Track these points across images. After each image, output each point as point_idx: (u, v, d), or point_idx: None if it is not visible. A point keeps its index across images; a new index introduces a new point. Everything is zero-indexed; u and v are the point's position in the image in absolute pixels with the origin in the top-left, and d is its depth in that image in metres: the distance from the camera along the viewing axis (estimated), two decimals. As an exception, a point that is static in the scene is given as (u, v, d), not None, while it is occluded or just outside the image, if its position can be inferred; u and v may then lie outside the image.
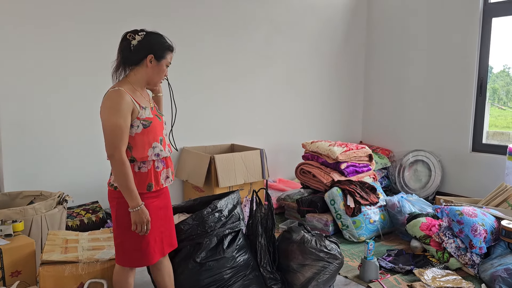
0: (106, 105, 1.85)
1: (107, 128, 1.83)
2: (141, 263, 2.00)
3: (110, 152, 1.83)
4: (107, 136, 1.83)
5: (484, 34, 4.26)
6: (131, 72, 1.96)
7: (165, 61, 1.97)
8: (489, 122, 4.47)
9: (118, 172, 1.82)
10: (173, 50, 2.01)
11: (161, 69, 1.98)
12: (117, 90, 1.86)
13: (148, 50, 1.92)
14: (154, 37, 1.95)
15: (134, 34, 1.92)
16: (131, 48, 1.91)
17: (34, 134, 3.23)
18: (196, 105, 4.05)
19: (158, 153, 1.96)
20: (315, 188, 3.93)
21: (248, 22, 4.31)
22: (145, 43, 1.92)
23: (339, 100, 5.23)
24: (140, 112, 1.90)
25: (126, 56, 1.93)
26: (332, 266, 2.57)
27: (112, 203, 1.96)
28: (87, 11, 3.37)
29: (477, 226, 2.85)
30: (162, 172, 2.00)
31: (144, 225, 1.88)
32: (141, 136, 1.91)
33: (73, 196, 3.09)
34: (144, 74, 1.96)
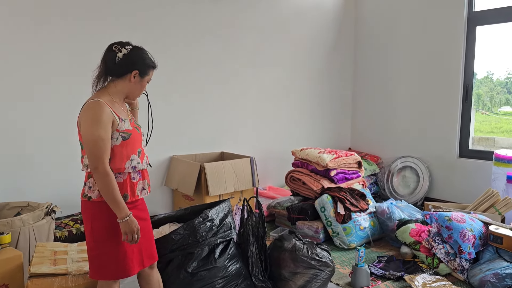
0: (87, 116, 1.83)
1: (89, 140, 1.80)
2: (118, 276, 1.93)
3: (93, 165, 1.80)
4: (89, 148, 1.80)
5: (468, 42, 4.35)
6: (111, 83, 1.95)
7: (147, 77, 1.99)
8: (474, 128, 4.54)
9: (103, 184, 1.80)
10: (155, 68, 2.02)
11: (142, 85, 2.00)
12: (96, 101, 1.84)
13: (134, 66, 1.92)
14: (140, 53, 1.95)
15: (121, 47, 1.91)
16: (116, 60, 1.90)
17: (20, 143, 3.19)
18: (185, 113, 4.04)
19: (135, 166, 1.93)
20: (305, 196, 3.94)
21: (237, 29, 4.33)
22: (131, 58, 1.91)
23: (328, 107, 5.27)
24: (119, 124, 1.88)
25: (110, 67, 1.92)
26: (323, 274, 2.57)
27: (85, 214, 1.92)
28: (62, 18, 3.35)
29: (465, 232, 2.88)
30: (138, 183, 1.97)
31: (135, 234, 1.86)
32: (120, 148, 1.88)
33: (61, 207, 3.05)
34: (126, 88, 1.96)
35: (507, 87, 4.78)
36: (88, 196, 1.88)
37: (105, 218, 1.86)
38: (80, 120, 1.87)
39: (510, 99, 4.79)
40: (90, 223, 1.89)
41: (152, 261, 2.09)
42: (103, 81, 1.95)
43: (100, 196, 1.85)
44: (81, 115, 1.86)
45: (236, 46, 4.34)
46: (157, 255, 2.13)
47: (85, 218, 1.92)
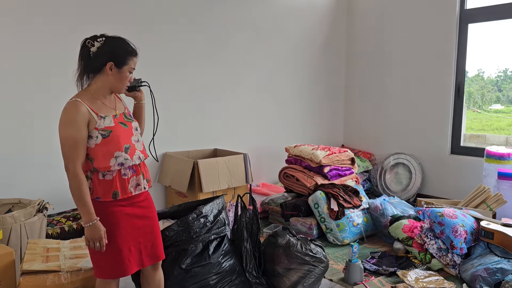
0: (61, 117, 1.80)
1: (61, 140, 1.78)
2: (114, 275, 1.90)
3: (65, 165, 1.78)
4: (62, 149, 1.78)
5: (460, 39, 4.38)
6: (92, 80, 1.88)
7: (127, 67, 1.88)
8: (466, 125, 4.58)
9: (72, 185, 1.77)
10: (136, 55, 1.90)
11: (123, 76, 1.89)
12: (73, 101, 1.80)
13: (108, 57, 1.82)
14: (115, 42, 1.86)
15: (93, 41, 1.83)
16: (91, 55, 1.83)
17: (10, 139, 3.15)
18: (178, 110, 4.02)
19: (122, 163, 1.86)
20: (298, 192, 3.95)
21: (230, 27, 4.32)
22: (105, 49, 1.82)
23: (321, 104, 5.28)
24: (98, 122, 1.82)
25: (87, 64, 1.85)
26: (317, 270, 2.58)
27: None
28: (55, 17, 3.32)
29: (457, 227, 2.91)
30: (130, 179, 1.90)
31: (97, 241, 1.78)
32: (102, 147, 1.83)
33: (53, 204, 3.02)
34: (106, 82, 1.87)
35: (498, 85, 4.82)
36: None
37: (101, 216, 1.82)
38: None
39: (500, 97, 4.84)
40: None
41: (155, 261, 2.03)
42: (86, 80, 1.89)
43: (92, 194, 1.83)
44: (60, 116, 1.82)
45: (229, 44, 4.33)
46: (163, 255, 2.06)
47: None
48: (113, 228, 1.84)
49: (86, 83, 1.89)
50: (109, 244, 1.84)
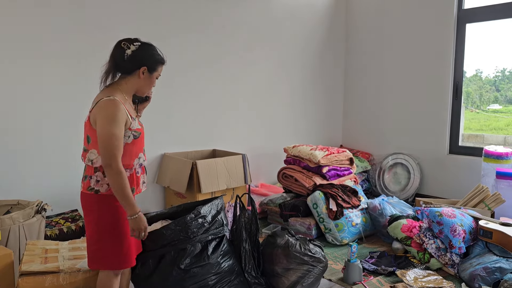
0: (103, 114, 1.85)
1: (104, 137, 1.83)
2: (121, 266, 1.99)
3: (107, 162, 1.83)
4: (104, 146, 1.83)
5: (458, 39, 4.39)
6: (122, 80, 1.98)
7: (156, 73, 2.02)
8: (464, 125, 4.59)
9: (116, 181, 1.83)
10: (164, 63, 2.05)
11: (151, 81, 2.03)
12: (112, 99, 1.86)
13: (142, 62, 1.95)
14: (149, 49, 1.99)
15: (129, 43, 1.93)
16: (125, 57, 1.92)
17: (9, 141, 3.15)
18: (177, 110, 4.02)
19: (141, 163, 2.04)
20: (297, 192, 3.95)
21: (229, 28, 4.32)
22: (139, 54, 1.94)
23: (319, 104, 5.29)
24: (132, 123, 1.93)
25: (119, 64, 1.94)
26: (316, 270, 2.58)
27: (90, 207, 1.94)
28: (63, 18, 3.32)
29: (456, 227, 2.91)
30: (140, 177, 2.06)
31: (142, 231, 1.92)
32: (131, 147, 1.94)
33: (52, 205, 3.02)
34: (135, 84, 1.99)
35: (496, 85, 4.84)
36: (95, 189, 1.91)
37: (112, 211, 1.92)
38: (95, 117, 1.88)
39: (498, 97, 4.85)
40: (96, 215, 1.93)
41: (138, 252, 2.15)
42: (112, 77, 1.99)
43: (108, 189, 1.90)
44: (96, 112, 1.87)
45: (228, 44, 4.33)
46: (141, 248, 2.18)
47: (90, 210, 1.95)
48: (125, 223, 1.94)
49: (110, 81, 1.98)
50: (120, 237, 1.94)
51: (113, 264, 1.97)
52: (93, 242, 1.96)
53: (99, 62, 2.08)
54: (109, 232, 1.92)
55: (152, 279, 2.26)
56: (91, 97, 2.07)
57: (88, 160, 1.93)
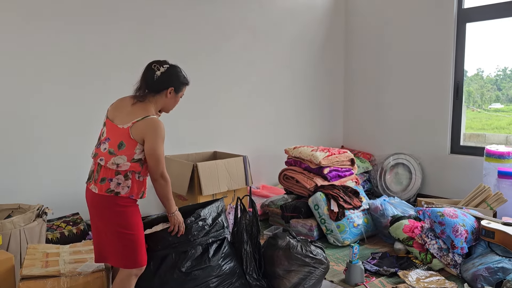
0: (156, 133, 2.06)
1: (158, 154, 2.07)
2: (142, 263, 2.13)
3: (160, 173, 2.10)
4: (157, 161, 2.07)
5: (459, 39, 4.38)
6: (151, 98, 2.15)
7: (181, 93, 2.26)
8: (465, 124, 4.58)
9: (166, 188, 2.14)
10: (188, 84, 2.28)
11: (176, 100, 2.26)
12: (158, 120, 2.10)
13: (170, 83, 2.16)
14: (175, 71, 2.20)
15: (159, 66, 2.14)
16: (155, 78, 2.12)
17: (10, 145, 3.15)
18: (177, 113, 4.01)
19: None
20: (298, 194, 3.94)
21: (227, 29, 4.32)
22: (168, 76, 2.15)
23: (320, 105, 5.28)
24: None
25: (150, 84, 2.13)
26: (318, 271, 2.57)
27: (110, 208, 2.06)
28: (73, 18, 3.32)
29: (458, 227, 2.90)
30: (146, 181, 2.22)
31: (181, 225, 2.25)
32: None
33: (53, 208, 3.02)
34: (163, 103, 2.20)
35: (497, 84, 4.82)
36: (116, 191, 2.05)
37: (131, 209, 2.09)
38: (143, 132, 2.05)
39: (500, 96, 4.83)
40: (118, 216, 2.06)
41: None
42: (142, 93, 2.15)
43: (128, 192, 2.07)
44: (146, 128, 2.05)
45: (227, 45, 4.33)
46: None
47: (109, 212, 2.06)
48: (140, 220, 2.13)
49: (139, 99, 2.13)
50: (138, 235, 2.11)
51: (136, 261, 2.09)
52: (115, 242, 2.07)
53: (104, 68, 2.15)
54: (132, 230, 2.07)
55: (153, 281, 2.26)
56: (94, 103, 2.13)
57: (113, 163, 2.04)
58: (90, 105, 3.42)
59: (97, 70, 3.45)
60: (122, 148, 2.05)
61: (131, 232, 2.07)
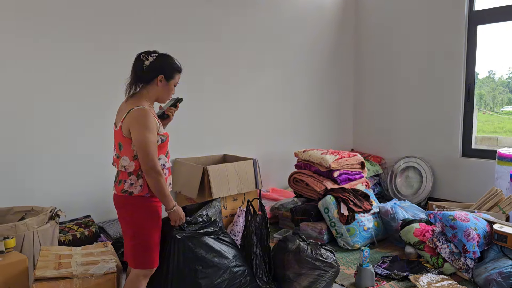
0: (139, 123, 1.99)
1: (144, 145, 1.98)
2: (152, 265, 2.12)
3: (149, 165, 1.99)
4: (144, 152, 1.98)
5: (470, 41, 4.35)
6: (143, 89, 2.13)
7: (173, 81, 2.17)
8: (477, 128, 4.53)
9: (157, 181, 2.01)
10: (181, 71, 2.21)
11: (169, 88, 2.17)
12: (142, 108, 2.02)
13: (159, 71, 2.10)
14: (165, 58, 2.14)
15: (147, 55, 2.09)
16: (144, 68, 2.08)
17: (23, 147, 3.20)
18: (187, 116, 4.05)
19: (163, 164, 2.12)
20: (308, 197, 3.94)
21: (238, 33, 4.35)
22: (157, 64, 2.09)
23: (329, 108, 5.28)
24: (160, 128, 2.09)
25: (139, 75, 2.10)
26: (328, 275, 2.57)
27: (125, 208, 2.10)
28: (77, 24, 3.37)
29: (470, 231, 2.87)
30: (167, 179, 2.17)
31: (182, 219, 2.19)
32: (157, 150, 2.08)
33: (65, 211, 3.05)
34: (155, 92, 2.14)
35: (509, 87, 4.77)
36: (129, 191, 2.06)
37: (144, 210, 2.07)
38: (128, 125, 2.01)
39: (512, 99, 4.78)
40: (130, 216, 2.09)
41: None
42: (134, 88, 2.13)
43: (141, 191, 2.05)
44: (129, 121, 2.01)
45: (238, 48, 4.36)
46: None
47: (125, 211, 2.10)
48: (156, 220, 2.12)
49: (133, 90, 2.13)
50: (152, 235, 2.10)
51: (145, 262, 2.10)
52: (128, 240, 2.13)
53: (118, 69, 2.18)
54: (142, 231, 2.08)
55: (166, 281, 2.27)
56: (107, 104, 2.15)
57: (121, 166, 2.07)
58: (105, 108, 3.45)
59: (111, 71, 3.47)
60: (122, 149, 2.07)
61: (141, 232, 2.08)
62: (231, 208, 3.75)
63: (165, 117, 2.35)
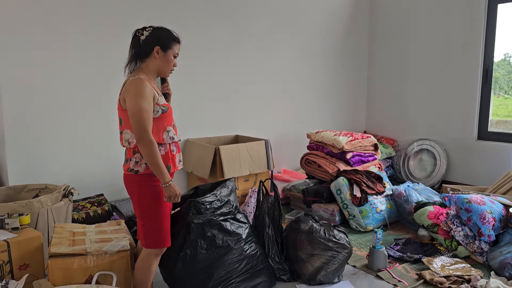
0: (132, 91, 1.95)
1: (135, 112, 1.93)
2: (162, 244, 2.11)
3: (139, 135, 1.92)
4: (135, 120, 1.93)
5: (489, 21, 4.21)
6: (143, 64, 2.09)
7: (171, 51, 2.10)
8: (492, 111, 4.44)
9: (149, 151, 1.93)
10: (179, 42, 2.14)
11: (168, 59, 2.10)
12: (138, 78, 1.98)
13: (154, 42, 2.06)
14: (160, 30, 2.10)
15: (142, 30, 2.07)
16: (140, 43, 2.06)
17: (37, 126, 3.21)
18: (199, 96, 4.02)
19: (172, 137, 2.08)
20: (320, 178, 3.91)
21: (252, 13, 4.27)
22: (152, 36, 2.06)
23: (343, 89, 5.20)
24: (159, 99, 2.04)
25: (137, 50, 2.08)
26: (341, 256, 2.55)
27: (132, 187, 2.07)
28: (92, 12, 3.33)
29: (485, 214, 2.83)
30: (176, 155, 2.14)
31: (176, 197, 2.03)
32: (158, 121, 2.03)
33: (78, 189, 3.07)
34: (154, 65, 2.09)
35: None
36: (135, 170, 2.03)
37: (150, 189, 2.03)
38: (123, 96, 2.00)
39: (529, 82, 4.65)
40: (136, 195, 2.06)
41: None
42: (135, 65, 2.11)
43: (146, 168, 2.01)
44: (124, 91, 1.99)
45: (250, 28, 4.28)
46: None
47: (132, 191, 2.08)
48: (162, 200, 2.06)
49: (134, 68, 2.10)
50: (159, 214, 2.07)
51: (155, 242, 2.09)
52: (138, 219, 2.11)
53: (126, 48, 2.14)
54: (149, 210, 2.05)
55: (177, 262, 2.28)
56: (119, 83, 2.11)
57: (125, 141, 2.05)
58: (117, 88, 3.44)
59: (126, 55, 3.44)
60: (122, 124, 2.05)
61: (148, 211, 2.06)
62: (242, 188, 3.74)
63: (166, 97, 2.31)
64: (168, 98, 2.30)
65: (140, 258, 2.15)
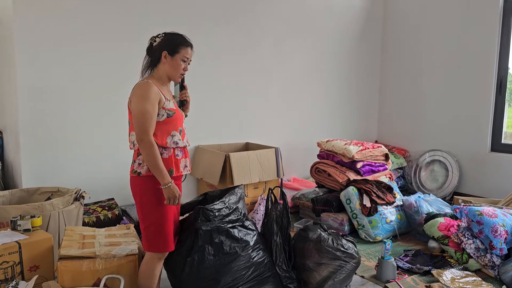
0: (137, 93, 2.00)
1: (137, 113, 1.96)
2: (164, 248, 2.10)
3: (140, 136, 1.95)
4: (137, 121, 1.96)
5: (504, 31, 4.18)
6: (155, 69, 2.14)
7: (179, 55, 2.10)
8: (506, 123, 4.38)
9: (148, 153, 1.95)
10: (188, 45, 2.13)
11: (175, 64, 2.11)
12: (145, 81, 2.03)
13: (162, 48, 2.09)
14: (169, 35, 2.12)
15: (155, 38, 2.12)
16: (153, 49, 2.12)
17: (51, 131, 3.27)
18: (210, 103, 4.05)
19: (176, 142, 2.08)
20: (330, 187, 3.90)
21: (264, 21, 4.30)
22: (162, 42, 2.10)
23: (354, 99, 5.19)
24: (165, 103, 2.05)
25: (151, 57, 2.13)
26: (348, 265, 2.54)
27: (135, 189, 2.09)
28: (108, 19, 3.39)
29: (497, 227, 2.79)
30: (181, 160, 2.14)
31: (176, 199, 2.03)
32: (163, 125, 2.04)
33: (89, 193, 3.11)
34: (163, 69, 2.12)
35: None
36: (138, 172, 2.05)
37: (152, 191, 2.04)
38: (130, 99, 2.04)
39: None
40: (139, 197, 2.07)
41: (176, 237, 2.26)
42: (149, 71, 2.16)
43: (148, 171, 2.02)
44: (132, 94, 2.05)
45: (261, 36, 4.32)
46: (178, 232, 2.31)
47: (135, 192, 2.10)
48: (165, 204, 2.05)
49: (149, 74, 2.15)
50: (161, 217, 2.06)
51: (156, 246, 2.08)
52: (140, 222, 2.11)
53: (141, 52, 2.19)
54: (151, 213, 2.05)
55: (184, 268, 2.29)
56: (131, 87, 2.15)
57: (131, 143, 2.08)
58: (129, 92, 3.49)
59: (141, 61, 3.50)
60: (130, 126, 2.09)
61: (150, 214, 2.05)
62: (252, 196, 3.75)
63: (184, 103, 2.33)
64: (187, 105, 2.33)
65: (143, 262, 2.16)
